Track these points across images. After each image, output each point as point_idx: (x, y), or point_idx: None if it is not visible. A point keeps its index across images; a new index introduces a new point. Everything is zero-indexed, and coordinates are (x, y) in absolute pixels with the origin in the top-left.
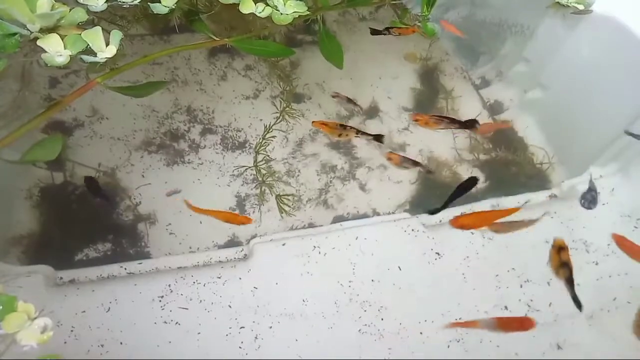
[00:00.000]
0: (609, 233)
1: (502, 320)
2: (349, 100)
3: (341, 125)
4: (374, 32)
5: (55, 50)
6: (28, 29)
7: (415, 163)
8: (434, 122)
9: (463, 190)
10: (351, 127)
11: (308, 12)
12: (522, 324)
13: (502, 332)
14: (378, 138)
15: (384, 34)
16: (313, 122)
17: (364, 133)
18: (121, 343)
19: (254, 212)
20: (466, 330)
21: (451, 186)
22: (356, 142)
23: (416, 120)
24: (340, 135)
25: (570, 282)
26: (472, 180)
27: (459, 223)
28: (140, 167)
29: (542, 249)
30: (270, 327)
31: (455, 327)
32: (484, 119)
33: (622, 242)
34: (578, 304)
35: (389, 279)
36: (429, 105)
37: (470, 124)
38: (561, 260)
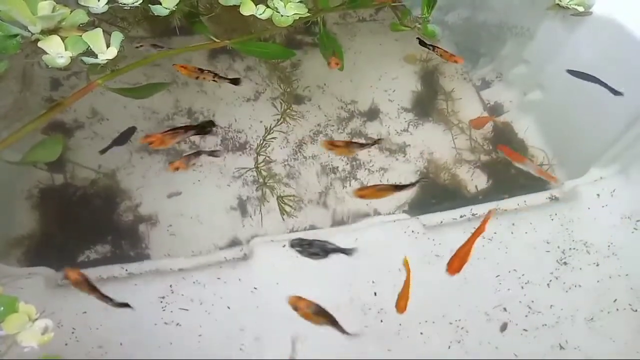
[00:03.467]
0: (609, 235)
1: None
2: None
3: (199, 69)
4: (422, 43)
5: (56, 51)
6: (29, 31)
7: (362, 145)
8: (169, 139)
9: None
10: (208, 71)
11: (308, 14)
12: None
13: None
14: (234, 81)
15: (429, 49)
16: (175, 65)
17: (221, 77)
18: (122, 344)
19: (254, 213)
20: (466, 330)
21: (452, 186)
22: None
23: (151, 143)
24: (197, 77)
25: None
26: None
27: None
28: (141, 169)
29: (542, 250)
30: (271, 327)
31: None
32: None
33: (505, 150)
34: None
35: (389, 280)
36: (429, 106)
37: (204, 127)
38: None
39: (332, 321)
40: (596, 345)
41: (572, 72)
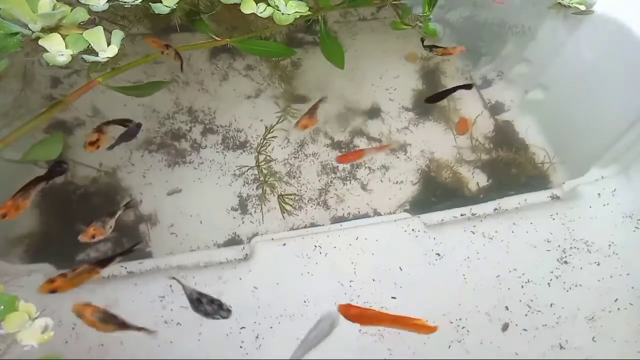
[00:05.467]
0: (610, 234)
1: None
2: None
3: (165, 45)
4: (427, 47)
5: (57, 49)
6: (30, 29)
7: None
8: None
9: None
10: (172, 49)
11: (309, 12)
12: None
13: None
14: (179, 60)
15: (430, 51)
16: (146, 37)
17: (179, 57)
18: (122, 343)
19: (255, 211)
20: (467, 330)
21: (452, 185)
22: (357, 142)
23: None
24: (162, 52)
25: None
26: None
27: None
28: (142, 167)
29: (543, 249)
30: (271, 327)
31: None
32: (476, 113)
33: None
34: None
35: (390, 279)
36: (430, 106)
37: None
38: None
39: (124, 325)
40: (597, 345)
41: (428, 100)
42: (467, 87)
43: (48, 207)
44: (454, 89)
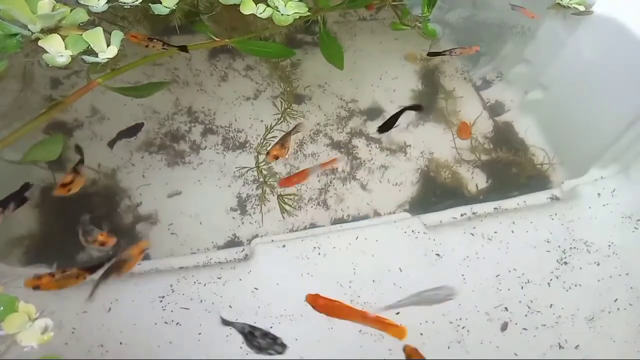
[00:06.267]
0: (609, 234)
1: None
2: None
3: (149, 38)
4: (433, 54)
5: (57, 50)
6: (29, 30)
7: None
8: None
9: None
10: (158, 40)
11: (309, 13)
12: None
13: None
14: (182, 49)
15: (445, 55)
16: (132, 34)
17: (170, 45)
18: (122, 343)
19: (255, 212)
20: (467, 330)
21: (452, 185)
22: (356, 143)
23: None
24: (147, 46)
25: None
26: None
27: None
28: (141, 168)
29: (543, 249)
30: (271, 327)
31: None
32: (476, 114)
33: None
34: None
35: (390, 280)
36: (429, 105)
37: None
38: None
39: None
40: (596, 345)
41: (380, 129)
42: (417, 108)
43: (48, 208)
44: (402, 111)
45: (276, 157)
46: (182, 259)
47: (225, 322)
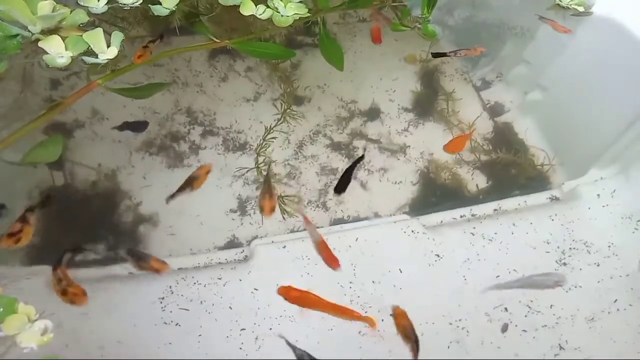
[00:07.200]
0: (609, 235)
1: None
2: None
3: (143, 47)
4: (436, 55)
5: (57, 51)
6: (29, 31)
7: None
8: None
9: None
10: (150, 42)
11: (308, 14)
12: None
13: None
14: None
15: (449, 56)
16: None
17: (153, 41)
18: (121, 344)
19: (254, 213)
20: (467, 330)
21: (452, 186)
22: (357, 144)
23: None
24: (151, 52)
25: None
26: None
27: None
28: (141, 169)
29: (543, 250)
30: (271, 328)
31: None
32: (476, 114)
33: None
34: None
35: (390, 281)
36: (429, 106)
37: None
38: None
39: None
40: (596, 346)
41: (337, 190)
42: (361, 158)
43: (47, 209)
44: (353, 166)
45: (272, 210)
46: (182, 260)
47: (289, 344)
